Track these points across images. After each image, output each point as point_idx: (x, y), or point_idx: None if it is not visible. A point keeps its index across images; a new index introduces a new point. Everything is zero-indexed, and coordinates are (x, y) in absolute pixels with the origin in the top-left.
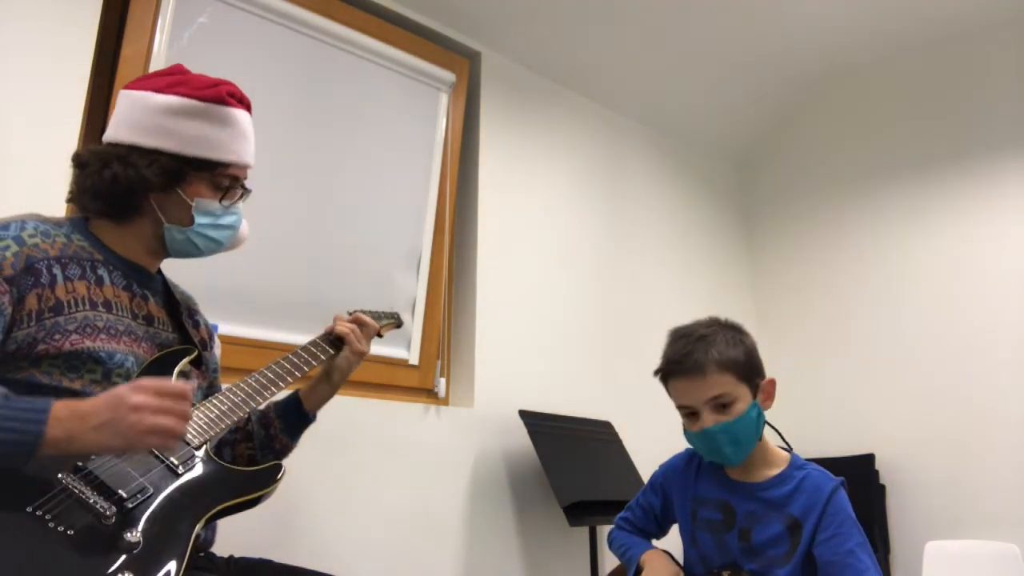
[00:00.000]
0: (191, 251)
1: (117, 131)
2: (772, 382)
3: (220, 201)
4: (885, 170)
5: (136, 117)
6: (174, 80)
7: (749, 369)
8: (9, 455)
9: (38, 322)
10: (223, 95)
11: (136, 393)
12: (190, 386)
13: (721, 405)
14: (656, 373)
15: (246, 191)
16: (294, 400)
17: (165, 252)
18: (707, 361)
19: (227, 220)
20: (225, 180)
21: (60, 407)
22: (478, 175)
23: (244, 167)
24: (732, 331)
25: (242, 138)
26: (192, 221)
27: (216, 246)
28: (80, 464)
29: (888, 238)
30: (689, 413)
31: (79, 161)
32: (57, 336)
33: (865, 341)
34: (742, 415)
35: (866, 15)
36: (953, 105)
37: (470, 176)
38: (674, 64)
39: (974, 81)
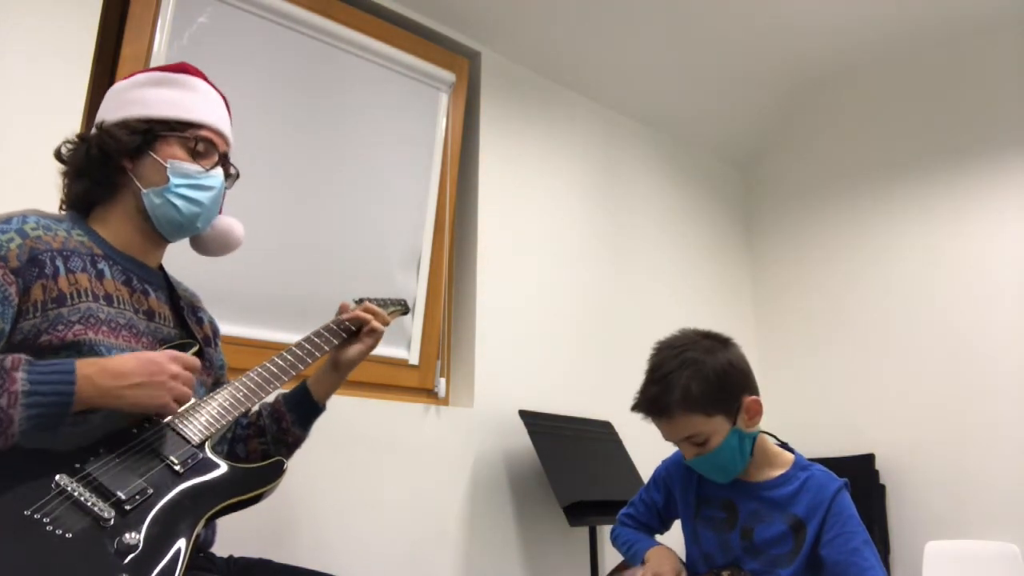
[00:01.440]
0: (174, 215)
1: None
2: (756, 401)
3: (195, 162)
4: (886, 170)
5: (107, 105)
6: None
7: (720, 398)
8: (44, 417)
9: (42, 313)
10: (184, 66)
11: (174, 363)
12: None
13: (696, 443)
14: (632, 410)
15: (228, 163)
16: (303, 391)
17: (156, 232)
18: (671, 403)
19: (205, 181)
20: (192, 141)
21: (84, 364)
22: (478, 175)
23: (214, 130)
24: (706, 353)
25: (207, 102)
26: (167, 181)
27: (198, 208)
28: (78, 466)
29: (889, 238)
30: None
31: (59, 155)
32: (60, 327)
33: (865, 341)
34: (720, 446)
35: (867, 16)
36: (953, 105)
37: (470, 176)
38: (675, 64)
39: (974, 81)
